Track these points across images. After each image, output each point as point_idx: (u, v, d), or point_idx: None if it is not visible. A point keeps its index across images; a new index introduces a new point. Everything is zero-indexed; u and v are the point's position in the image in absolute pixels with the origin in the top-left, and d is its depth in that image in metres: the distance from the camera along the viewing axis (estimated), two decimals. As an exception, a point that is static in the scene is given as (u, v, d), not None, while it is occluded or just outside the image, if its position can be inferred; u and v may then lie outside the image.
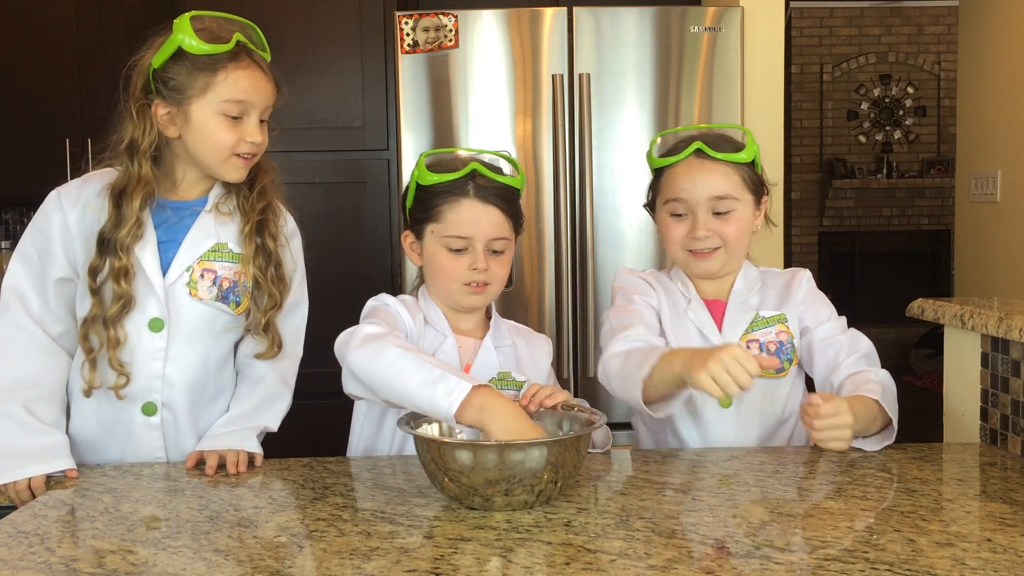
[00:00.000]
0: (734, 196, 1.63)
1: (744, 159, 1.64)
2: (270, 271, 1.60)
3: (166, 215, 1.59)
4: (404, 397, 1.37)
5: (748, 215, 1.67)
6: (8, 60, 3.31)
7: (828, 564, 1.08)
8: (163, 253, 1.57)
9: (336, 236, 3.10)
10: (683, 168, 1.65)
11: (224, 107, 1.52)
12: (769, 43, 3.00)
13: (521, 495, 1.27)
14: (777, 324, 1.68)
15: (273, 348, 1.62)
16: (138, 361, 1.57)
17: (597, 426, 1.36)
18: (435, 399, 1.32)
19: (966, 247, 4.02)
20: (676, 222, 1.66)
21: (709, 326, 1.67)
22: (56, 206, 1.56)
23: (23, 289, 1.55)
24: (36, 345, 1.55)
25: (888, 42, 7.87)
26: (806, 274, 1.75)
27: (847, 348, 1.66)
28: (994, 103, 3.75)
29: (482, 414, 1.31)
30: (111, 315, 1.53)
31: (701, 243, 1.64)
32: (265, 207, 1.61)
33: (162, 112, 1.53)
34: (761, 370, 1.35)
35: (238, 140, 1.53)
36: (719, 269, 1.68)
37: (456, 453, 1.26)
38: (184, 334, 1.58)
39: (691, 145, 1.64)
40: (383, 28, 3.10)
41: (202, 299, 1.58)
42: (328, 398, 1.77)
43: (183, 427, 1.61)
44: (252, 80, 1.53)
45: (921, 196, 7.80)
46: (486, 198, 1.57)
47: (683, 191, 1.64)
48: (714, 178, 1.63)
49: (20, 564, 1.13)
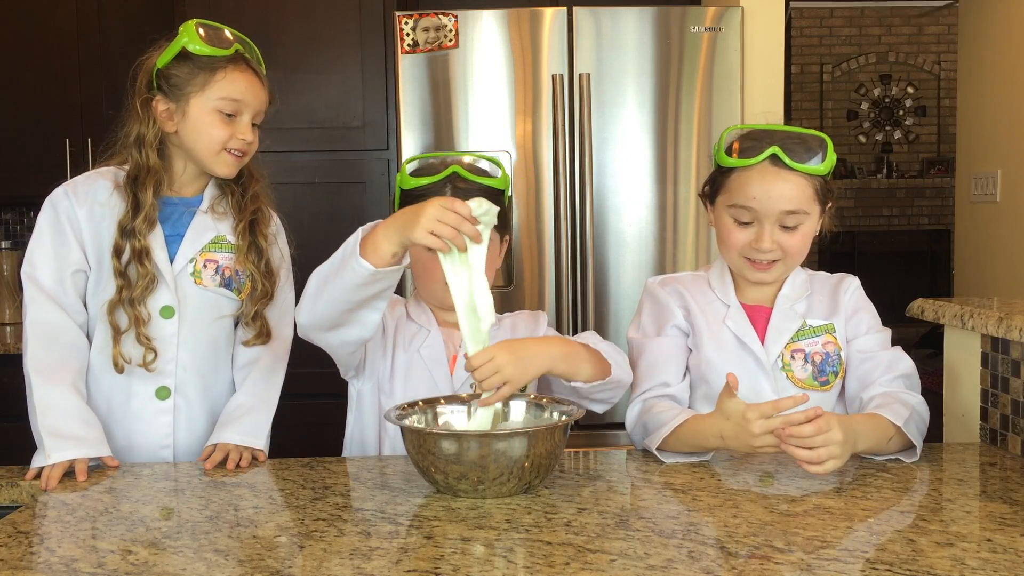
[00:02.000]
0: (805, 211, 1.54)
1: (821, 171, 1.55)
2: (261, 265, 1.71)
3: (167, 211, 1.69)
4: (340, 292, 1.44)
5: (813, 227, 1.59)
6: (8, 60, 3.31)
7: (828, 564, 1.08)
8: (168, 246, 1.67)
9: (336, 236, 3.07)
10: (757, 174, 1.54)
11: (220, 104, 1.63)
12: (769, 43, 3.00)
13: (509, 482, 1.32)
14: (825, 334, 1.61)
15: (261, 336, 1.71)
16: (156, 344, 1.65)
17: (577, 415, 1.44)
18: (348, 265, 1.40)
19: (966, 247, 4.02)
20: (739, 228, 1.57)
21: (750, 335, 1.61)
22: (66, 200, 1.65)
23: (45, 281, 1.63)
24: (67, 328, 1.63)
25: (888, 42, 7.88)
26: (854, 281, 1.68)
27: (885, 366, 1.59)
28: (994, 103, 3.75)
29: (375, 231, 1.40)
30: (137, 295, 1.62)
31: (763, 255, 1.56)
32: (256, 209, 1.72)
33: (162, 108, 1.64)
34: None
35: (230, 136, 1.64)
36: (775, 280, 1.62)
37: (440, 442, 1.33)
38: (193, 320, 1.68)
39: (768, 150, 1.53)
40: (383, 28, 3.10)
41: (207, 286, 1.68)
42: (328, 398, 1.77)
43: (195, 412, 1.70)
44: (248, 83, 1.66)
45: (921, 196, 7.81)
46: (465, 200, 1.58)
47: (754, 200, 1.54)
48: (788, 190, 1.53)
49: (20, 564, 1.13)
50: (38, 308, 1.62)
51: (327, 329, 1.51)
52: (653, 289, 1.69)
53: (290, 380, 1.76)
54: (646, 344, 1.65)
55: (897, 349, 1.62)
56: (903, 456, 1.50)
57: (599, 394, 1.57)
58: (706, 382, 1.61)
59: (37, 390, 1.57)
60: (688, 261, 2.87)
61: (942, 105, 7.82)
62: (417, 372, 1.66)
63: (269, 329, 1.72)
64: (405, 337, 1.69)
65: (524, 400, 1.52)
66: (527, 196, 2.84)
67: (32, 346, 1.60)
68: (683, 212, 2.86)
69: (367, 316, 1.48)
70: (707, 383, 1.61)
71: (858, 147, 7.91)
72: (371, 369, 1.68)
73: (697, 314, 1.64)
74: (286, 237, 1.80)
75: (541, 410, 1.50)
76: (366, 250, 1.39)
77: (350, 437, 1.74)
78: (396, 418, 1.42)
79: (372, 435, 1.70)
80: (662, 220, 2.86)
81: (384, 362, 1.68)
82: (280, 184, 1.85)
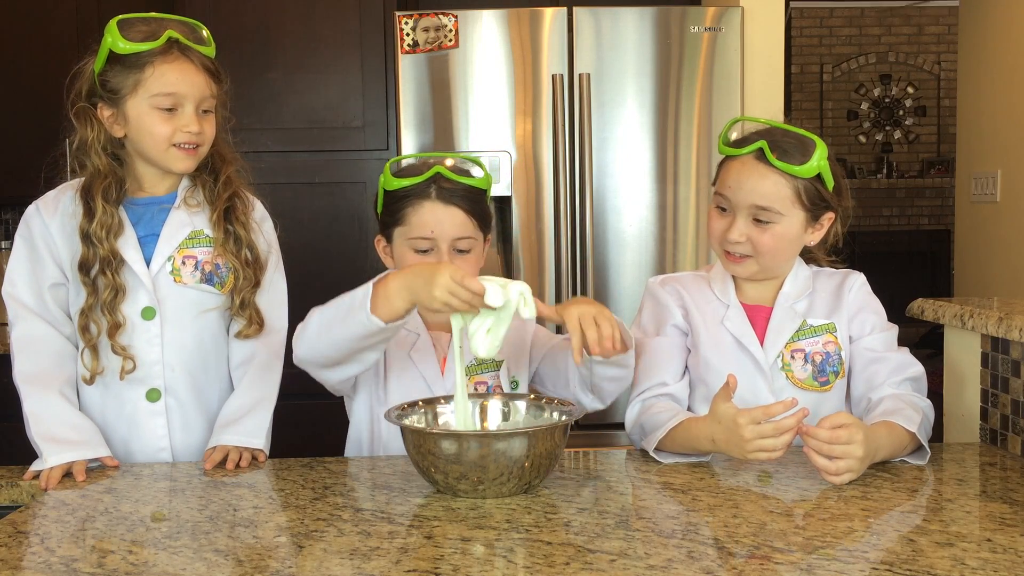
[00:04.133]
0: (777, 210, 1.53)
1: (803, 173, 1.52)
2: (243, 254, 1.68)
3: (140, 212, 1.67)
4: (345, 340, 1.44)
5: (792, 230, 1.56)
6: (8, 60, 3.31)
7: (828, 564, 1.08)
8: (144, 247, 1.65)
9: (336, 236, 3.10)
10: (738, 164, 1.56)
11: (155, 101, 1.58)
12: (769, 43, 3.00)
13: (509, 482, 1.33)
14: (825, 334, 1.60)
15: (253, 325, 1.68)
16: (137, 349, 1.64)
17: (577, 416, 1.44)
18: (356, 318, 1.40)
19: (966, 247, 4.02)
20: (718, 216, 1.59)
21: (748, 336, 1.60)
22: (37, 217, 1.66)
23: (24, 298, 1.63)
24: (52, 339, 1.63)
25: (888, 42, 7.88)
26: (859, 278, 1.66)
27: (893, 368, 1.58)
28: (994, 103, 3.75)
29: (386, 287, 1.39)
30: (105, 301, 1.60)
31: (732, 246, 1.57)
32: (231, 195, 1.69)
33: (106, 114, 1.61)
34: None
35: (174, 131, 1.59)
36: (749, 276, 1.61)
37: (440, 442, 1.33)
38: (175, 319, 1.66)
39: (755, 143, 1.54)
40: (383, 28, 3.09)
41: (187, 284, 1.66)
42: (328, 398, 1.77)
43: (189, 412, 1.68)
44: (180, 73, 1.59)
45: (921, 196, 7.80)
46: (448, 199, 1.61)
47: (728, 189, 1.56)
48: (762, 186, 1.53)
49: (20, 564, 1.13)
50: (23, 323, 1.63)
51: (325, 367, 1.52)
52: (653, 289, 1.69)
53: (290, 380, 1.75)
54: (645, 344, 1.65)
55: (905, 351, 1.61)
56: (910, 458, 1.50)
57: (608, 377, 1.56)
58: (704, 383, 1.61)
59: (27, 401, 1.59)
60: (688, 261, 2.87)
61: (942, 105, 7.82)
62: (409, 376, 1.66)
63: (261, 317, 1.69)
64: (394, 342, 1.67)
65: (525, 400, 1.53)
66: (527, 196, 2.84)
67: (19, 360, 1.61)
68: (683, 212, 2.86)
69: (369, 356, 1.50)
70: (705, 384, 1.61)
71: (858, 147, 7.90)
72: (363, 379, 1.67)
73: (695, 314, 1.64)
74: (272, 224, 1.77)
75: (541, 410, 1.51)
76: (377, 304, 1.39)
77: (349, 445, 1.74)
78: (396, 418, 1.42)
79: (367, 442, 1.69)
80: (662, 220, 2.86)
81: (375, 370, 1.66)
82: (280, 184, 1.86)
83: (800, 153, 1.53)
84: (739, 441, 1.39)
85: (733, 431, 1.40)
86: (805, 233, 1.59)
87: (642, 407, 1.61)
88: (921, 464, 1.48)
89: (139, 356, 1.63)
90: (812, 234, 1.60)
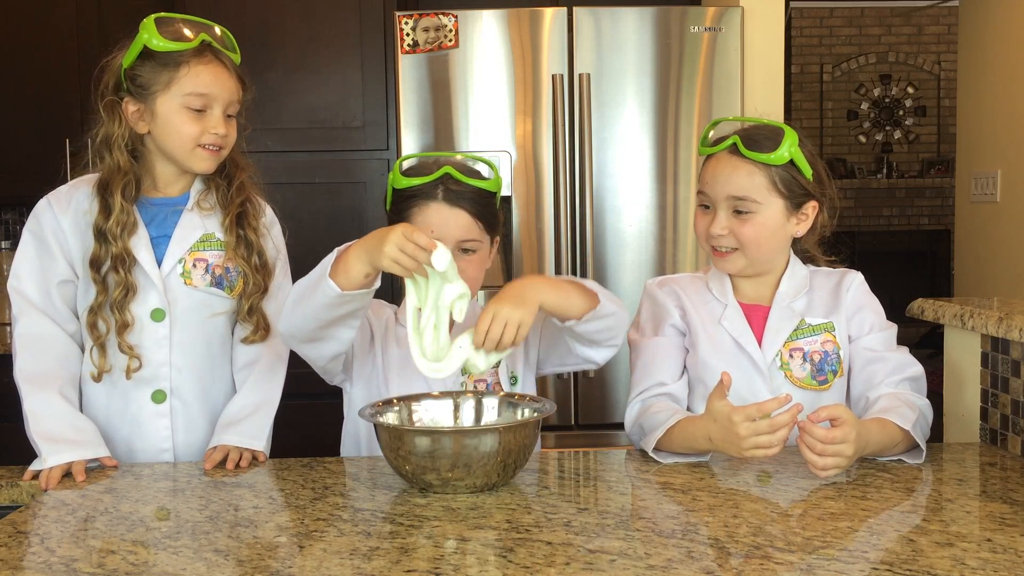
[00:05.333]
0: (754, 199, 1.56)
1: (774, 161, 1.55)
2: (253, 259, 1.68)
3: (153, 212, 1.67)
4: (312, 310, 1.44)
5: (773, 220, 1.57)
6: (8, 60, 3.31)
7: (828, 564, 1.08)
8: (155, 248, 1.65)
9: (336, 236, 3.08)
10: (714, 161, 1.60)
11: (187, 100, 1.59)
12: (769, 43, 3.00)
13: (479, 476, 1.35)
14: (824, 333, 1.61)
15: (259, 331, 1.69)
16: (145, 349, 1.64)
17: (547, 413, 1.45)
18: (320, 287, 1.40)
19: (966, 247, 4.02)
20: (701, 214, 1.62)
21: (746, 336, 1.61)
22: (48, 212, 1.65)
23: (29, 293, 1.62)
24: (56, 337, 1.63)
25: (888, 42, 7.87)
26: (857, 277, 1.67)
27: (893, 367, 1.59)
28: (994, 103, 3.75)
29: (346, 253, 1.40)
30: (116, 299, 1.60)
31: (717, 241, 1.59)
32: (244, 201, 1.69)
33: (132, 109, 1.61)
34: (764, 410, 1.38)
35: (202, 131, 1.60)
36: (738, 271, 1.62)
37: (415, 439, 1.35)
38: (185, 321, 1.66)
39: (729, 139, 1.58)
40: (383, 28, 3.09)
41: (197, 287, 1.66)
42: (328, 398, 1.77)
43: (193, 413, 1.68)
44: (214, 75, 1.61)
45: (921, 196, 7.80)
46: (454, 201, 1.59)
47: (707, 184, 1.59)
48: (736, 177, 1.56)
49: (20, 564, 1.13)
50: (27, 319, 1.62)
51: (303, 342, 1.52)
52: (651, 290, 1.70)
53: (290, 380, 1.76)
54: (643, 344, 1.66)
55: (904, 351, 1.62)
56: (906, 457, 1.50)
57: (597, 331, 1.54)
58: (703, 383, 1.61)
59: (27, 399, 1.58)
60: (688, 261, 2.87)
61: (942, 105, 7.82)
62: (409, 372, 1.65)
63: (267, 323, 1.69)
64: (395, 337, 1.68)
65: (497, 397, 1.54)
66: (527, 196, 2.84)
67: (21, 357, 1.61)
68: (683, 212, 2.86)
69: (341, 333, 1.49)
70: (704, 384, 1.61)
71: (858, 147, 7.90)
72: (359, 371, 1.68)
73: (693, 314, 1.64)
74: (280, 229, 1.78)
75: (513, 408, 1.52)
76: (337, 271, 1.39)
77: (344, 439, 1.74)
78: (370, 416, 1.44)
79: (364, 437, 1.69)
80: (662, 220, 2.86)
81: (373, 364, 1.67)
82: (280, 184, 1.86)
83: (771, 142, 1.56)
84: (735, 439, 1.39)
85: (729, 429, 1.40)
86: (788, 223, 1.60)
87: (641, 407, 1.61)
88: (917, 463, 1.49)
89: (146, 356, 1.64)
90: (797, 225, 1.61)
